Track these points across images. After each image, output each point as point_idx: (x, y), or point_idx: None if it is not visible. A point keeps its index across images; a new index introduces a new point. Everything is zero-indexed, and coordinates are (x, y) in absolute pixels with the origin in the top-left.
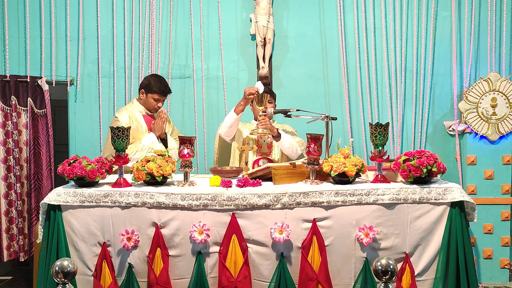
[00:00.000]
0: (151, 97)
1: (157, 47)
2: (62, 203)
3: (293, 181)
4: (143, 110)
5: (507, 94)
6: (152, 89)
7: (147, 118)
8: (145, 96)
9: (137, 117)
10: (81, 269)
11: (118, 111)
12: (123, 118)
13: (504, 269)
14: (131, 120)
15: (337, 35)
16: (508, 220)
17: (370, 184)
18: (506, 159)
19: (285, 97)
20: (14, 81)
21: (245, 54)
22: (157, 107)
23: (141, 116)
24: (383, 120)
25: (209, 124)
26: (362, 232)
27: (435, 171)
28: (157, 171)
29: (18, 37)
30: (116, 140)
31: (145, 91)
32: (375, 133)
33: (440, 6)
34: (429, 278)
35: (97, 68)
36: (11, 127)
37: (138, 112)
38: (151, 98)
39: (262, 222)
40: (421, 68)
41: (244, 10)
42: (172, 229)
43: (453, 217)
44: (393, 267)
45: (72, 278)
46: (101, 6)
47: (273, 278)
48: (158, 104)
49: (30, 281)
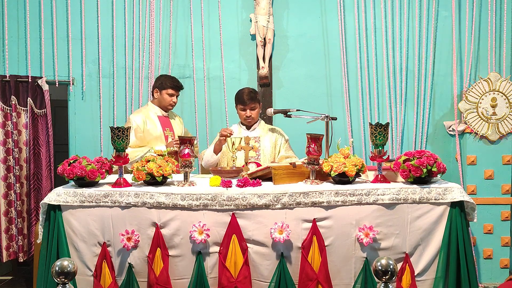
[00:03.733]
0: (165, 93)
1: (157, 47)
2: (62, 203)
3: (293, 181)
4: (159, 111)
5: (507, 94)
6: (165, 86)
7: (162, 119)
8: (160, 94)
9: (152, 118)
10: (81, 269)
11: (133, 113)
12: (137, 119)
13: (504, 269)
14: (145, 121)
15: (338, 35)
16: (508, 220)
17: (370, 184)
18: (506, 159)
19: (285, 97)
20: (14, 81)
21: (245, 54)
22: (173, 102)
23: (157, 118)
24: (383, 120)
25: (210, 124)
26: (362, 232)
27: (435, 171)
28: (157, 171)
29: (18, 37)
30: (116, 140)
31: (158, 90)
32: (375, 133)
33: (440, 6)
34: (429, 278)
35: (97, 68)
36: (11, 127)
37: (153, 114)
38: (165, 94)
39: (262, 222)
40: (421, 68)
41: (244, 10)
42: (172, 229)
43: (453, 217)
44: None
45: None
46: (101, 6)
47: (273, 278)
48: (173, 99)
49: (30, 281)
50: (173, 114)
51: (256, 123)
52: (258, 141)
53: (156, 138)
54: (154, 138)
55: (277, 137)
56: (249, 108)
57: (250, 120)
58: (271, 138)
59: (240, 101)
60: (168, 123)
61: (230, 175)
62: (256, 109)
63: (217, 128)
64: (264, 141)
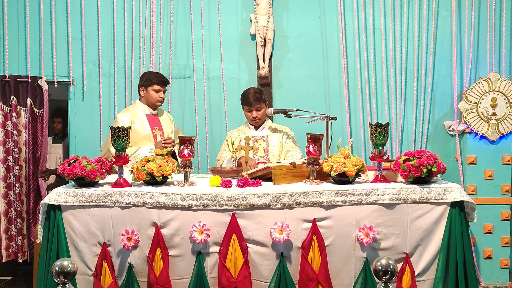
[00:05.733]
0: (151, 90)
1: (157, 47)
2: (62, 203)
3: (293, 181)
4: (147, 110)
5: (507, 94)
6: (151, 82)
7: (151, 118)
8: (146, 91)
9: (140, 117)
10: (81, 269)
11: (120, 112)
12: (124, 118)
13: (504, 269)
14: (133, 120)
15: (337, 35)
16: (508, 220)
17: (370, 184)
18: (506, 159)
19: (285, 97)
20: (14, 81)
21: (245, 54)
22: (160, 98)
23: (145, 117)
24: (384, 120)
25: (209, 124)
26: (362, 232)
27: (435, 171)
28: (157, 171)
29: (18, 37)
30: (116, 140)
31: (144, 87)
32: (375, 133)
33: (440, 6)
34: (429, 278)
35: (97, 68)
36: (11, 127)
37: (142, 112)
38: (151, 91)
39: (262, 222)
40: (421, 68)
41: (244, 10)
42: (172, 229)
43: (453, 217)
44: (393, 267)
45: (72, 278)
46: (101, 6)
47: (273, 278)
48: (160, 95)
49: (30, 281)
50: (162, 112)
51: (263, 122)
52: (267, 140)
53: (144, 138)
54: (142, 137)
55: (283, 135)
56: (255, 109)
57: (257, 121)
58: (278, 137)
59: (246, 102)
60: (157, 122)
61: (230, 175)
62: (262, 110)
63: (217, 128)
64: (272, 140)
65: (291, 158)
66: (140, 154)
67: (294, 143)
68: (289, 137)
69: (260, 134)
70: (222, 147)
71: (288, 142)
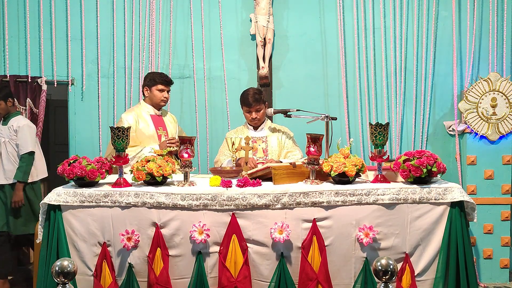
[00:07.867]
0: (155, 90)
1: (157, 47)
2: (62, 203)
3: (293, 181)
4: (151, 110)
5: (507, 94)
6: (154, 82)
7: (155, 118)
8: (150, 92)
9: (144, 117)
10: (81, 269)
11: (125, 112)
12: (129, 118)
13: (504, 269)
14: (137, 120)
15: (337, 35)
16: (508, 220)
17: (370, 184)
18: (506, 159)
19: (285, 97)
20: (13, 81)
21: (245, 54)
22: (164, 98)
23: (149, 117)
24: (383, 120)
25: (209, 124)
26: (362, 232)
27: (435, 171)
28: (157, 171)
29: (18, 37)
30: (116, 140)
31: (148, 87)
32: (375, 133)
33: (441, 6)
34: (429, 278)
35: (97, 68)
36: None
37: (146, 113)
38: (155, 91)
39: (262, 222)
40: (421, 68)
41: (244, 10)
42: (172, 229)
43: (453, 217)
44: (393, 267)
45: (72, 278)
46: (101, 6)
47: (273, 278)
48: (164, 95)
49: (30, 281)
50: (166, 113)
51: (263, 123)
52: (266, 141)
53: (148, 138)
54: (146, 137)
55: (283, 135)
56: (254, 110)
57: (257, 122)
58: (277, 138)
59: (245, 103)
60: (161, 122)
61: (230, 175)
62: (261, 110)
63: (217, 128)
64: (271, 141)
65: (291, 158)
66: (144, 153)
67: (294, 143)
68: (289, 138)
69: (259, 134)
70: (221, 148)
71: (288, 142)
